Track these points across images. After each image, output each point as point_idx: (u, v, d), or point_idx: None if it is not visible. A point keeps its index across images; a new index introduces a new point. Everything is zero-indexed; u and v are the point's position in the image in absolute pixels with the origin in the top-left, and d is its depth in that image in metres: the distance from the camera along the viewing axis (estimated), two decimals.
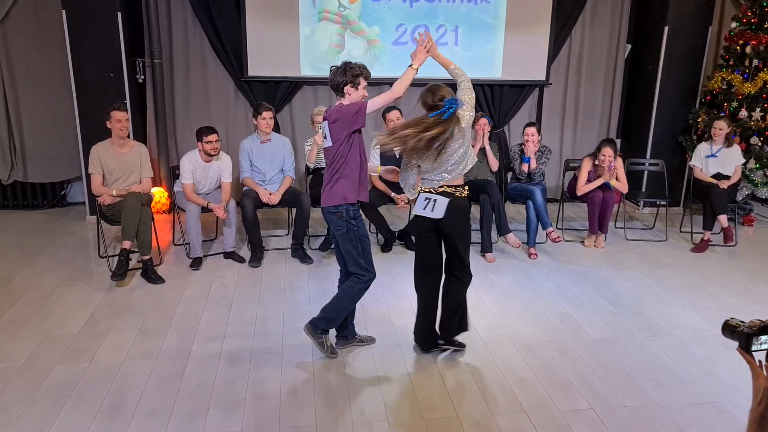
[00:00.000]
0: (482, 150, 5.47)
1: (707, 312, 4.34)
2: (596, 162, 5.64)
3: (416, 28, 6.54)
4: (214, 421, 2.98)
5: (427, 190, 3.41)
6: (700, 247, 5.65)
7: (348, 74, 3.27)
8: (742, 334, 1.55)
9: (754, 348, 1.53)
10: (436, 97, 3.28)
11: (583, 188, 5.68)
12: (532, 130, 5.59)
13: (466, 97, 3.34)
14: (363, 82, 3.31)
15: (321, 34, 6.43)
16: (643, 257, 5.47)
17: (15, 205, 6.54)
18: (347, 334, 3.73)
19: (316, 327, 3.55)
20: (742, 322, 1.59)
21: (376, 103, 3.30)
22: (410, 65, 3.34)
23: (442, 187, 3.39)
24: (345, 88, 3.29)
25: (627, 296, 4.59)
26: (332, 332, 3.70)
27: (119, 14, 5.72)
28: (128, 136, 5.02)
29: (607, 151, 5.53)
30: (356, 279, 3.47)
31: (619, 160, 5.71)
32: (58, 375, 3.35)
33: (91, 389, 3.22)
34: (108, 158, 4.84)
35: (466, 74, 3.42)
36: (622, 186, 5.70)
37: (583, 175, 5.70)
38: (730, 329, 1.59)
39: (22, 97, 6.25)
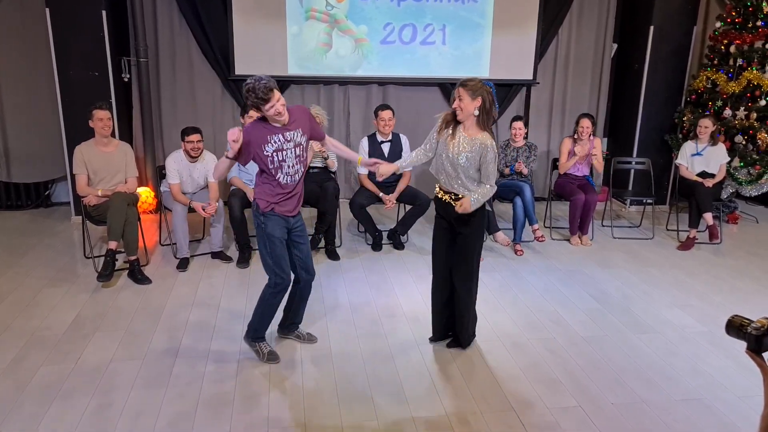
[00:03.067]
0: None
1: (694, 309, 4.37)
2: (575, 137, 5.78)
3: (404, 27, 6.55)
4: (202, 421, 2.96)
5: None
6: (686, 245, 5.69)
7: (248, 100, 3.13)
8: (750, 337, 1.47)
9: (764, 349, 1.46)
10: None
11: (564, 165, 5.82)
12: (519, 123, 5.73)
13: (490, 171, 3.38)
14: (253, 114, 3.17)
15: (308, 32, 6.41)
16: (630, 255, 5.51)
17: None
18: (286, 324, 3.77)
19: (248, 335, 3.58)
20: (748, 320, 1.50)
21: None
22: (225, 155, 3.21)
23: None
24: (249, 111, 3.21)
25: (614, 294, 4.62)
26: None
27: (104, 12, 5.67)
28: (113, 136, 4.97)
29: (585, 122, 5.68)
30: (267, 284, 3.43)
31: (598, 140, 5.85)
32: (44, 376, 3.31)
33: (78, 390, 3.19)
34: (92, 158, 4.79)
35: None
36: (598, 164, 5.79)
37: (564, 154, 5.84)
38: (735, 329, 1.50)
39: (6, 97, 6.17)
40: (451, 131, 3.40)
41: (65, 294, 4.40)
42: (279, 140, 3.22)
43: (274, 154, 3.22)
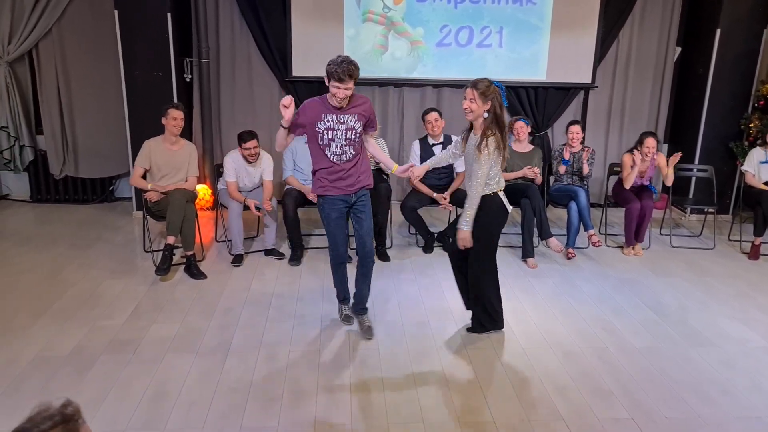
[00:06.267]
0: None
1: (756, 323, 4.19)
2: (637, 155, 5.51)
3: (460, 30, 6.52)
4: (252, 416, 3.02)
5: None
6: (754, 253, 5.47)
7: (330, 66, 3.53)
8: None
9: None
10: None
11: (629, 179, 5.57)
12: (576, 128, 5.62)
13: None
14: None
15: (365, 35, 6.47)
16: (689, 265, 5.33)
17: (66, 199, 6.79)
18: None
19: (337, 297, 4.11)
20: None
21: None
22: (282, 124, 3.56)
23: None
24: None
25: (671, 304, 4.48)
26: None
27: (169, 14, 5.86)
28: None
29: (650, 141, 5.50)
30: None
31: (662, 156, 5.67)
32: (103, 365, 3.45)
33: (135, 380, 3.31)
34: (158, 154, 4.97)
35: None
36: (669, 175, 5.56)
37: (627, 169, 5.59)
38: None
39: (75, 96, 6.47)
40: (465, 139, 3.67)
41: (125, 286, 4.57)
42: (332, 120, 3.51)
43: (325, 132, 3.52)
